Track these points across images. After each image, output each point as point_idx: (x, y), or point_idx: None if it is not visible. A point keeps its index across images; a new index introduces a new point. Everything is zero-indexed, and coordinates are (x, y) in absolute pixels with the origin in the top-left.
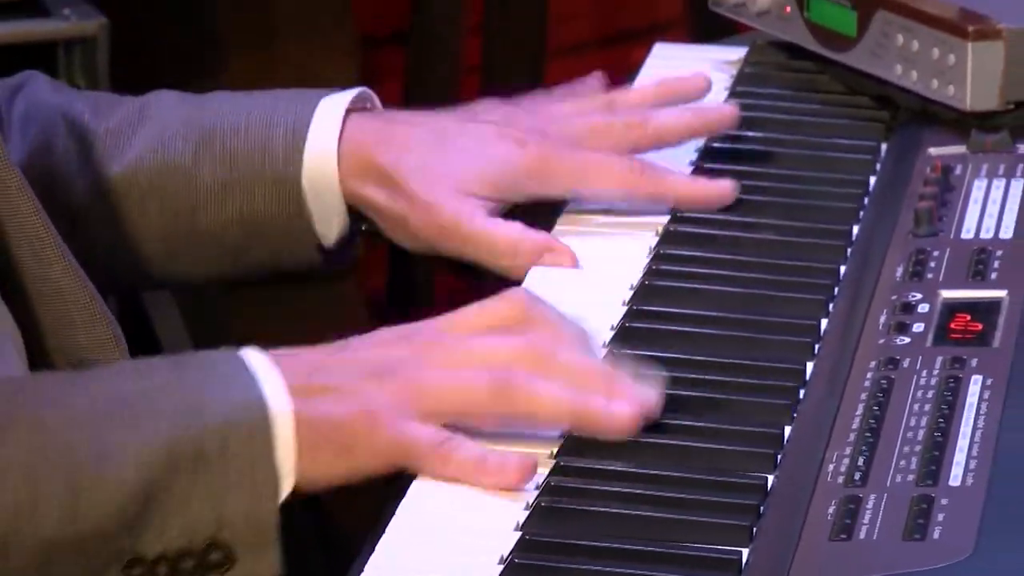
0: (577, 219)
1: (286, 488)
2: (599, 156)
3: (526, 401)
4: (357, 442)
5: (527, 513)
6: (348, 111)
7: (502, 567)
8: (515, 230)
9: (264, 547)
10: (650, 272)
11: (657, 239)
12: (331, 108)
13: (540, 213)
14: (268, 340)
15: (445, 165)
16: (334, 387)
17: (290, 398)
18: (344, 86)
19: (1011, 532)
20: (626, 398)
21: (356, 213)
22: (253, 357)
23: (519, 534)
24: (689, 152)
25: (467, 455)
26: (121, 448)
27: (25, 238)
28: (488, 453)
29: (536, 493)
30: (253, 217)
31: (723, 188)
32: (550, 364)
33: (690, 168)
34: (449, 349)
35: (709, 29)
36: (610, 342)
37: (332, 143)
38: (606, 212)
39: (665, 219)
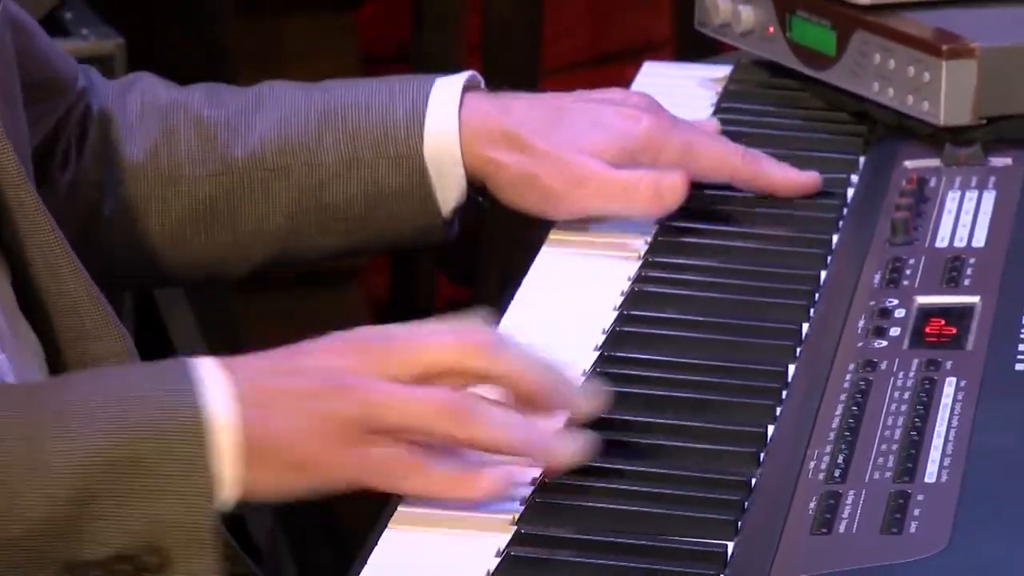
0: (568, 233)
1: (229, 496)
2: (709, 136)
3: (475, 426)
4: (307, 460)
5: (523, 508)
6: (464, 88)
7: (499, 559)
8: (635, 171)
9: (200, 552)
10: (640, 279)
11: (647, 247)
12: (447, 86)
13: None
14: (276, 341)
15: (567, 131)
16: (286, 399)
17: (235, 407)
18: None
19: (984, 526)
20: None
21: (472, 185)
22: (202, 365)
23: (515, 528)
24: None
25: (432, 474)
26: (57, 454)
27: (41, 255)
28: (452, 475)
29: (532, 489)
30: (377, 191)
31: (813, 179)
32: (492, 362)
33: None
34: (402, 352)
35: (696, 48)
36: (602, 345)
37: (452, 116)
38: (596, 226)
39: (653, 229)
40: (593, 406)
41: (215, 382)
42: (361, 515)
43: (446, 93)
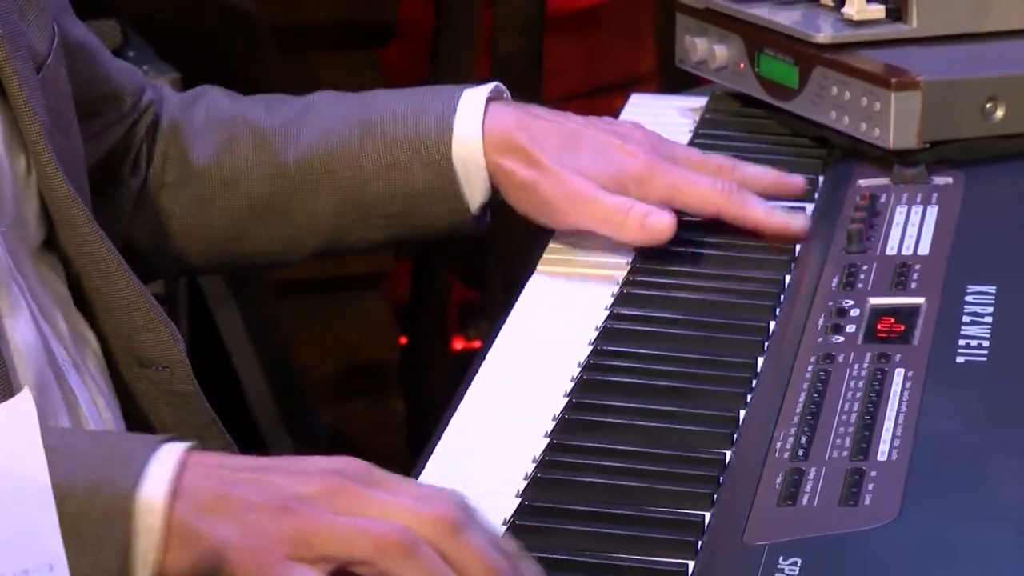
0: (565, 244)
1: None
2: (696, 176)
3: (403, 571)
4: (228, 565)
5: (526, 483)
6: (488, 100)
7: (505, 527)
8: (626, 201)
9: None
10: (627, 282)
11: (633, 256)
12: (473, 98)
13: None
14: (311, 335)
15: (574, 155)
16: (233, 511)
17: (171, 498)
18: None
19: (930, 499)
20: None
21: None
22: (168, 450)
23: (519, 500)
24: None
25: None
26: None
27: (92, 261)
28: None
29: (534, 466)
30: (412, 191)
31: (798, 224)
32: (449, 544)
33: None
34: (363, 498)
35: (677, 82)
36: (594, 340)
37: (477, 126)
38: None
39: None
40: None
41: (164, 467)
42: None
43: (472, 103)
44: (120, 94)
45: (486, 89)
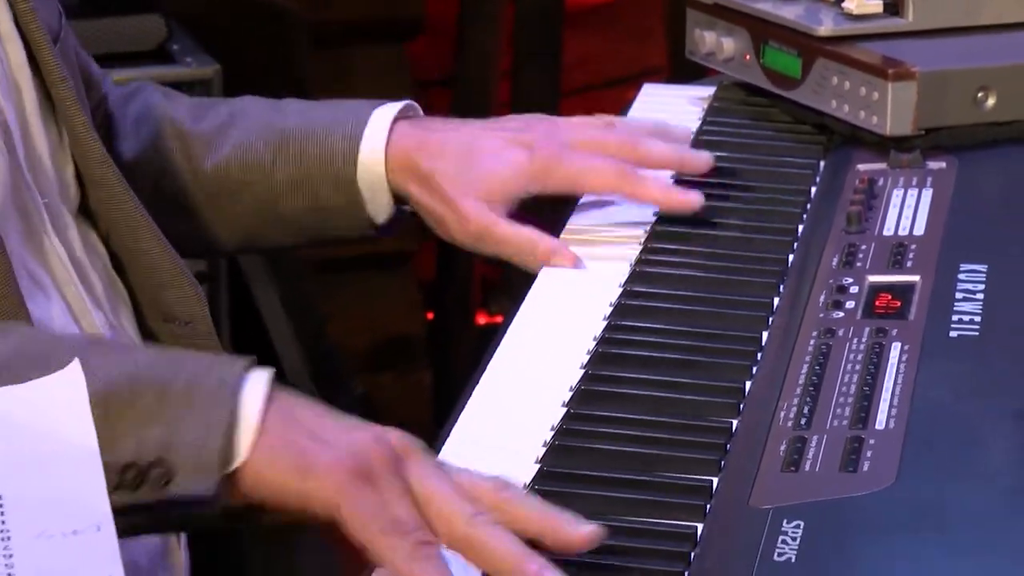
0: (582, 225)
1: (240, 454)
2: (594, 161)
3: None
4: (313, 469)
5: (544, 450)
6: (395, 119)
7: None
8: (532, 235)
9: (204, 471)
10: (640, 261)
11: (646, 235)
12: (381, 117)
13: (546, 209)
14: (344, 311)
15: (471, 172)
16: (327, 422)
17: (267, 398)
18: None
19: (925, 465)
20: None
21: (401, 200)
22: (260, 375)
23: (538, 466)
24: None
25: (397, 550)
26: (94, 367)
27: (123, 218)
28: (410, 565)
29: (552, 434)
30: (321, 206)
31: (692, 200)
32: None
33: (672, 179)
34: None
35: (686, 73)
36: (608, 316)
37: (380, 146)
38: (605, 216)
39: (651, 215)
40: None
41: (261, 376)
42: None
43: (378, 124)
44: (92, 83)
45: (395, 108)
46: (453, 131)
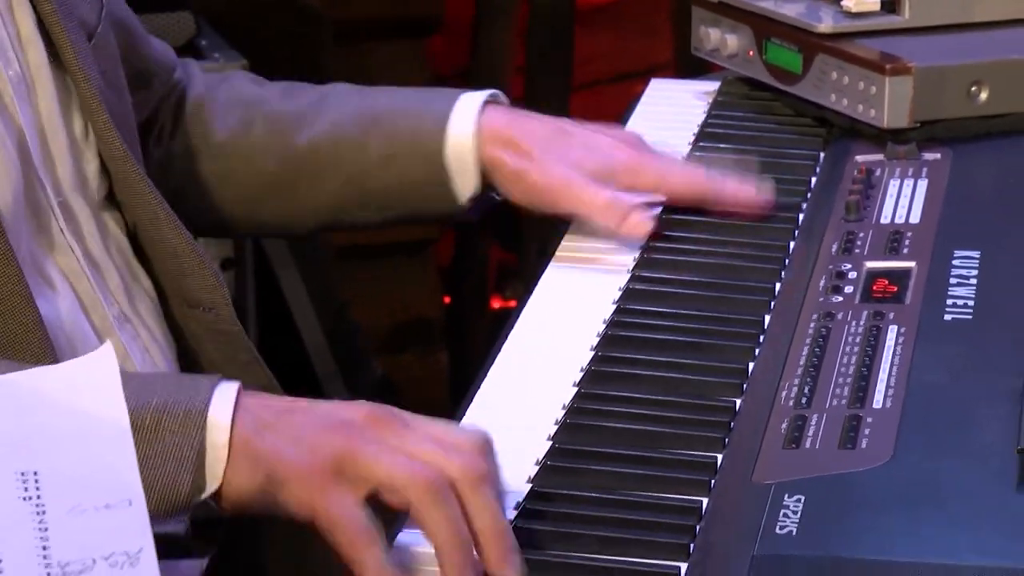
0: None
1: (210, 484)
2: (679, 164)
3: (431, 518)
4: (286, 478)
5: (556, 427)
6: (485, 103)
7: (537, 468)
8: (609, 194)
9: (173, 509)
10: (649, 248)
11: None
12: (470, 99)
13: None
14: (365, 295)
15: (562, 148)
16: (287, 430)
17: (234, 416)
18: None
19: (920, 442)
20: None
21: (486, 182)
22: (225, 385)
23: (550, 443)
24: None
25: (364, 554)
26: None
27: (145, 212)
28: (382, 569)
29: (564, 412)
30: (408, 182)
31: (765, 192)
32: (471, 497)
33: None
34: (403, 433)
35: (692, 68)
36: (617, 300)
37: (470, 125)
38: None
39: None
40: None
41: (227, 394)
42: None
43: (467, 105)
44: (154, 71)
45: (484, 94)
46: (545, 120)
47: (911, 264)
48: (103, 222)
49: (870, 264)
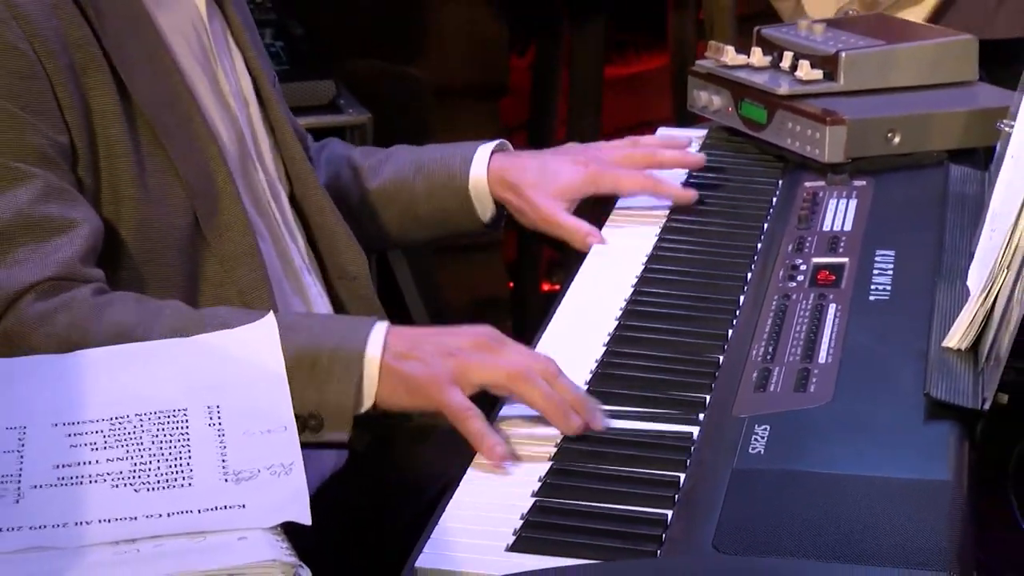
0: (619, 215)
1: (367, 400)
2: (627, 171)
3: (525, 390)
4: (419, 391)
5: (591, 375)
6: (494, 151)
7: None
8: (580, 224)
9: (342, 425)
10: (656, 247)
11: (660, 228)
12: (484, 149)
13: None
14: (452, 280)
15: (545, 182)
16: (419, 357)
17: (382, 353)
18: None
19: (854, 387)
20: (580, 420)
21: (500, 206)
22: (377, 325)
23: (586, 386)
24: (681, 175)
25: (476, 427)
26: (286, 348)
27: (315, 204)
28: (484, 432)
29: (596, 364)
30: (445, 209)
31: (691, 195)
32: (550, 380)
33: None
34: (497, 351)
35: (688, 120)
36: (634, 285)
37: (483, 167)
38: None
39: (665, 215)
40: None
41: (378, 337)
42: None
43: (482, 154)
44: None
45: (494, 144)
46: (531, 157)
47: (845, 259)
48: (289, 213)
49: (816, 259)
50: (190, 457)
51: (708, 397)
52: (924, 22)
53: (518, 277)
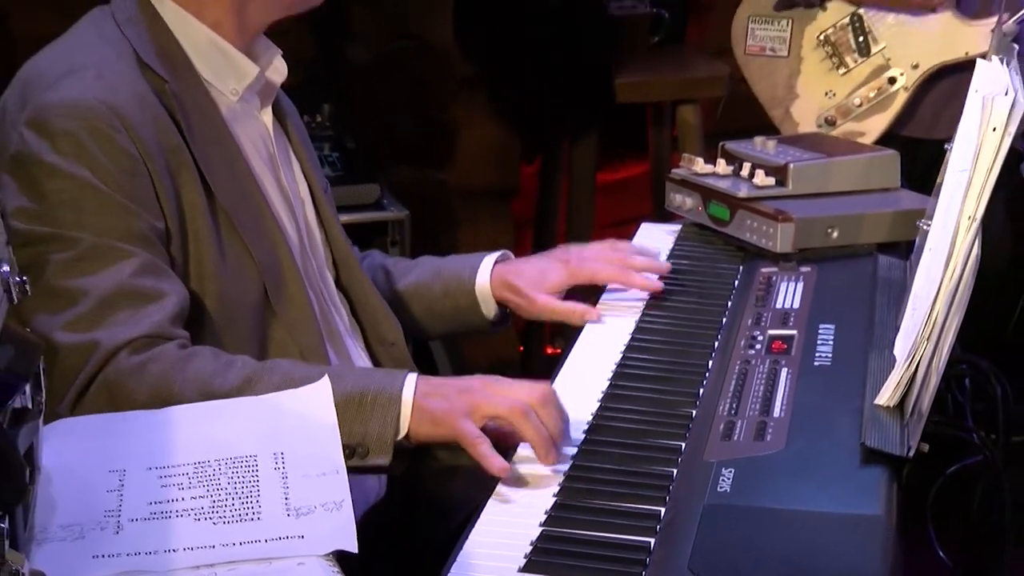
0: (609, 300)
1: (403, 430)
2: (602, 265)
3: (520, 423)
4: (442, 422)
5: (587, 424)
6: (496, 261)
7: (575, 448)
8: (574, 306)
9: (384, 452)
10: (640, 321)
11: (643, 306)
12: (488, 259)
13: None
14: (471, 351)
15: (538, 282)
16: (442, 395)
17: (414, 395)
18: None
19: (803, 438)
20: (555, 456)
21: (502, 305)
22: (411, 375)
23: (584, 434)
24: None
25: (483, 450)
26: (335, 390)
27: (359, 286)
28: (488, 454)
29: (591, 416)
30: (457, 307)
31: (657, 286)
32: (543, 414)
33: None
34: (502, 389)
35: (665, 218)
36: (623, 351)
37: (487, 276)
38: (619, 295)
39: (646, 296)
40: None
41: (411, 383)
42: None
43: (487, 263)
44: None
45: (496, 254)
46: (525, 263)
47: (795, 332)
48: (334, 291)
49: (771, 331)
50: (259, 495)
51: (683, 444)
52: (888, 125)
53: (527, 342)
